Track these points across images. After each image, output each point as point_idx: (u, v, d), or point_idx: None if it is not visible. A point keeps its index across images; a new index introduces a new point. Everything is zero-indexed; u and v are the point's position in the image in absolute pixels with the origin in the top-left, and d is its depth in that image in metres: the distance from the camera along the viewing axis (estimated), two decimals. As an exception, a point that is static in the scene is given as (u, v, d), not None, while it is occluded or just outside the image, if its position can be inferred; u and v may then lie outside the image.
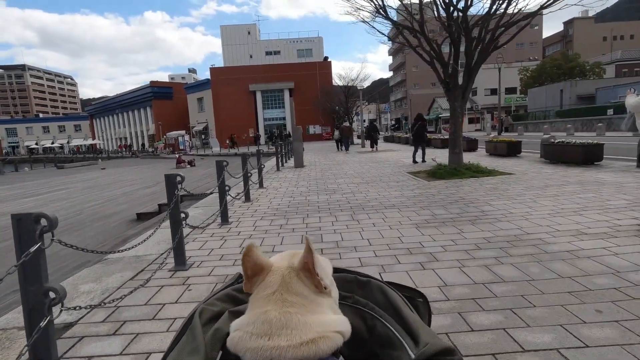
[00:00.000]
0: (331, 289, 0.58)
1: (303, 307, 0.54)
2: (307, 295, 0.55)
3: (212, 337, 0.57)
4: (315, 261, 0.55)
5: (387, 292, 0.66)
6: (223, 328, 0.59)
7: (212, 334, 0.58)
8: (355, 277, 0.70)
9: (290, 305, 0.54)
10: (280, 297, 0.55)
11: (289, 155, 17.47)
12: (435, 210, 5.19)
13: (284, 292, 0.55)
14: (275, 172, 11.82)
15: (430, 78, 74.82)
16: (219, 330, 0.58)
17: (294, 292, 0.55)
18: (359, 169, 11.43)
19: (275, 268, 0.58)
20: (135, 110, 62.54)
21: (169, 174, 3.33)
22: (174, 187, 3.30)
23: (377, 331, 0.60)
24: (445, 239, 3.86)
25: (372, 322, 0.61)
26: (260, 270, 0.58)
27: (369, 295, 0.66)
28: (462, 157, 9.00)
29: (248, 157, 6.76)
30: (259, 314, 0.53)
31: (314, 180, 9.28)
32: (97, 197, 12.03)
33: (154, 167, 26.01)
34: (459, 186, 7.13)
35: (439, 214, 5.00)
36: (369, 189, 7.39)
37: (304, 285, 0.56)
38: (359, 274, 0.71)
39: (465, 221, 4.54)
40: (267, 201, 6.75)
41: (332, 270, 0.64)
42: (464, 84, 8.70)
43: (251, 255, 0.58)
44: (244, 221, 5.26)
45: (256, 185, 8.42)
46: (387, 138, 32.20)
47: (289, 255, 0.62)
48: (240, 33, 61.77)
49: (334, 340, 0.51)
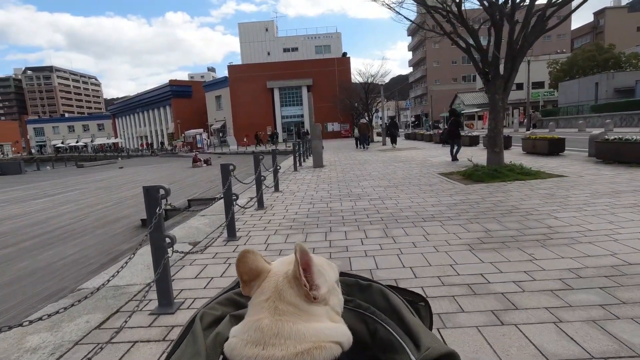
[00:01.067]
0: (328, 297, 0.57)
1: (296, 316, 0.53)
2: (299, 304, 0.55)
3: (213, 341, 0.58)
4: (302, 270, 0.54)
5: (389, 296, 0.67)
6: (224, 332, 0.59)
7: (213, 338, 0.58)
8: (357, 281, 0.70)
9: (282, 313, 0.54)
10: (272, 304, 0.55)
11: (307, 154, 16.62)
12: (487, 225, 4.22)
13: (277, 299, 0.55)
14: (292, 173, 10.98)
15: (452, 73, 72.85)
16: (220, 335, 0.59)
17: (287, 301, 0.54)
18: (384, 169, 10.46)
19: (272, 274, 0.57)
20: (155, 109, 63.08)
21: (148, 187, 2.51)
22: (154, 204, 2.47)
23: (379, 335, 0.60)
24: (516, 270, 2.91)
25: (374, 327, 0.61)
26: (257, 275, 0.58)
27: (370, 299, 0.66)
28: (502, 157, 7.94)
29: (262, 158, 5.92)
30: (253, 321, 0.54)
31: (335, 183, 8.39)
32: (107, 199, 11.49)
33: (171, 166, 25.66)
34: (505, 191, 6.10)
35: (494, 229, 4.03)
36: (399, 194, 6.44)
37: (296, 294, 0.55)
38: (360, 277, 0.70)
39: (531, 241, 3.56)
40: (283, 208, 5.90)
41: (336, 275, 0.62)
42: (506, 73, 7.62)
43: (246, 261, 0.59)
44: (255, 236, 4.42)
45: (271, 189, 7.59)
46: (409, 135, 30.96)
47: (288, 260, 0.60)
48: (257, 30, 61.25)
49: (330, 350, 0.51)
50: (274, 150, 7.40)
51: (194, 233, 4.67)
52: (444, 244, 3.66)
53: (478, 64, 8.05)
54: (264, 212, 5.72)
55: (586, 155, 10.05)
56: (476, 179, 7.47)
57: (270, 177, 7.82)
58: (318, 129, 12.08)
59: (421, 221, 4.58)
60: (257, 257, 0.60)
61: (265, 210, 5.84)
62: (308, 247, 0.56)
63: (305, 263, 0.56)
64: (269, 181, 8.21)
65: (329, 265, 0.62)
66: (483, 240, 3.69)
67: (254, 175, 6.09)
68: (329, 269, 0.61)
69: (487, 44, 7.92)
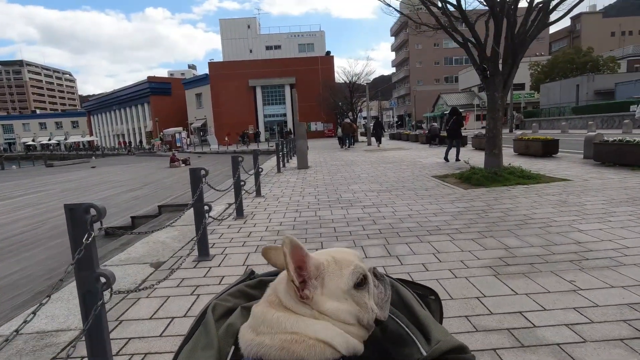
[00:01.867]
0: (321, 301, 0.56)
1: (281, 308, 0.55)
2: (283, 298, 0.56)
3: (225, 332, 0.59)
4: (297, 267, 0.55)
5: (400, 290, 0.68)
6: (236, 323, 0.60)
7: (225, 329, 0.59)
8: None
9: (271, 302, 0.57)
10: (271, 292, 0.59)
11: (291, 154, 15.90)
12: (504, 240, 3.62)
13: (275, 289, 0.58)
14: (275, 175, 10.25)
15: (434, 74, 73.25)
16: (231, 326, 0.60)
17: (278, 292, 0.57)
18: (373, 171, 9.85)
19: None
20: (132, 107, 61.00)
21: (72, 205, 1.76)
22: (81, 230, 1.72)
23: (390, 329, 0.61)
24: (563, 306, 2.29)
25: (385, 320, 0.61)
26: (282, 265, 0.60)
27: None
28: (502, 159, 7.43)
29: (241, 160, 5.19)
30: (254, 306, 0.58)
31: (322, 186, 7.71)
32: (71, 203, 10.47)
33: (148, 166, 24.47)
34: (511, 197, 5.55)
35: (514, 246, 3.43)
36: (395, 201, 5.82)
37: (286, 289, 0.57)
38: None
39: (564, 263, 2.97)
40: (265, 217, 5.18)
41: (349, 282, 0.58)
42: (506, 69, 7.11)
43: (269, 257, 0.67)
44: (232, 254, 3.70)
45: (252, 194, 6.85)
46: (394, 135, 30.58)
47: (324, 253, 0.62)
48: (239, 27, 59.98)
49: (315, 349, 0.51)
50: (256, 152, 6.66)
51: (158, 250, 3.91)
52: (461, 266, 3.03)
53: (476, 60, 7.52)
54: (243, 222, 4.99)
55: (581, 157, 9.70)
56: (475, 183, 6.94)
57: (251, 180, 7.08)
58: (303, 127, 11.38)
59: (426, 234, 3.95)
60: (278, 252, 0.64)
61: (245, 219, 5.10)
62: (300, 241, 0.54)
63: (300, 259, 0.55)
64: (249, 185, 7.48)
65: (341, 269, 0.59)
66: (506, 261, 3.08)
67: (232, 178, 5.35)
68: (338, 273, 0.59)
69: (484, 38, 7.40)
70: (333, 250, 0.64)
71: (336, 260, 0.60)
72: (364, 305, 0.58)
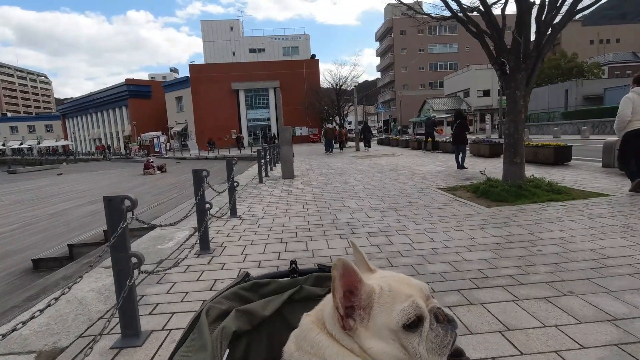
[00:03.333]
0: (364, 335, 0.52)
1: (326, 332, 0.53)
2: (328, 322, 0.54)
3: (219, 335, 0.57)
4: (349, 292, 0.53)
5: None
6: (230, 326, 0.59)
7: (219, 332, 0.58)
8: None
9: (318, 320, 0.55)
10: (320, 308, 0.57)
11: (274, 161, 14.55)
12: (597, 300, 2.40)
13: (323, 308, 0.56)
14: (257, 186, 8.91)
15: (420, 79, 73.05)
16: (226, 328, 0.59)
17: (327, 314, 0.55)
18: (368, 181, 8.62)
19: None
20: (110, 110, 58.60)
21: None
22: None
23: None
24: None
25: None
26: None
27: None
28: (524, 170, 6.30)
29: (206, 175, 3.85)
30: (305, 315, 0.58)
31: (312, 202, 6.42)
32: (14, 219, 8.89)
33: (120, 173, 22.75)
34: (553, 221, 4.37)
35: (623, 315, 2.21)
36: (407, 224, 4.57)
37: (333, 312, 0.55)
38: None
39: None
40: (239, 253, 3.85)
41: (398, 321, 0.52)
42: (529, 64, 6.00)
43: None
44: (178, 329, 2.36)
45: (225, 214, 5.51)
46: (382, 141, 29.56)
47: (382, 277, 0.59)
48: (222, 29, 58.39)
49: None
50: (230, 161, 5.31)
51: (66, 321, 2.53)
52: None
53: (492, 53, 6.40)
54: (207, 261, 3.64)
55: (599, 166, 8.71)
56: (495, 198, 5.77)
57: (225, 196, 5.74)
58: (288, 132, 10.08)
59: (473, 288, 2.70)
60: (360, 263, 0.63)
61: (210, 257, 3.75)
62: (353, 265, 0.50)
63: (352, 284, 0.52)
64: (222, 203, 6.15)
65: (393, 302, 0.53)
66: (626, 349, 1.86)
67: (222, 183, 4.01)
68: (388, 308, 0.53)
69: (501, 26, 6.29)
70: (394, 276, 0.59)
71: (391, 291, 0.54)
72: (412, 350, 0.52)
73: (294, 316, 0.67)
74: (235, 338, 0.61)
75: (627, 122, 5.44)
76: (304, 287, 0.75)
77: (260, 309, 0.67)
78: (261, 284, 0.72)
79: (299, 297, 0.73)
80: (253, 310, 0.66)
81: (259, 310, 0.67)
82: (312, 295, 0.73)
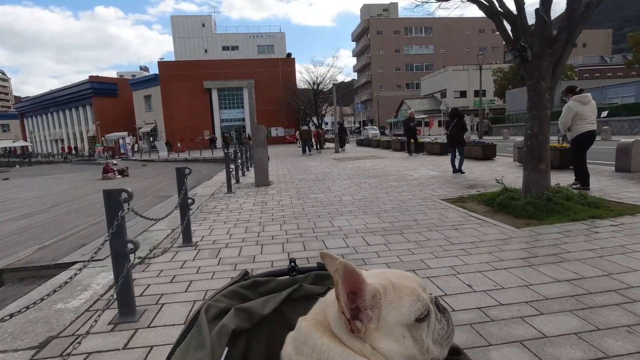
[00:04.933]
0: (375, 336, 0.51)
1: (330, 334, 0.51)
2: (335, 327, 0.52)
3: (219, 333, 0.57)
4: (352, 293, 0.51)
5: None
6: (229, 324, 0.59)
7: (218, 330, 0.57)
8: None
9: (318, 324, 0.53)
10: (319, 311, 0.55)
11: (248, 165, 13.09)
12: None
13: (326, 310, 0.54)
14: (224, 197, 7.49)
15: (396, 80, 72.82)
16: (225, 327, 0.58)
17: (332, 317, 0.53)
18: (357, 190, 7.37)
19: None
20: (73, 109, 55.19)
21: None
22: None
23: None
24: None
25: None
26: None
27: None
28: (549, 178, 5.20)
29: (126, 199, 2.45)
30: (301, 319, 0.55)
31: (292, 221, 5.09)
32: None
33: (76, 177, 20.63)
34: (622, 250, 3.23)
35: None
36: (425, 258, 3.32)
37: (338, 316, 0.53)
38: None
39: None
40: (184, 314, 2.48)
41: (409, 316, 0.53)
42: (558, 47, 4.90)
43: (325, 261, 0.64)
44: None
45: (176, 240, 4.09)
46: (362, 142, 28.47)
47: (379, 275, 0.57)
48: (193, 25, 55.98)
49: None
50: (181, 174, 3.89)
51: None
52: None
53: (509, 36, 5.27)
54: (124, 344, 2.24)
55: (612, 170, 7.83)
56: (521, 214, 4.64)
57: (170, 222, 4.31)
58: (262, 132, 8.69)
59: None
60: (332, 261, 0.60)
61: (132, 331, 2.36)
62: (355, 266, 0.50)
63: (354, 285, 0.51)
64: (174, 223, 4.76)
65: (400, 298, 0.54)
66: None
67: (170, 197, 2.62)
68: (397, 304, 0.53)
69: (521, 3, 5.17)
70: (390, 272, 0.59)
71: (395, 287, 0.54)
72: (421, 342, 0.53)
73: (293, 314, 0.66)
74: (235, 336, 0.60)
75: (567, 127, 6.14)
76: (303, 286, 0.74)
77: (259, 307, 0.66)
78: (260, 282, 0.72)
79: (298, 295, 0.72)
80: (252, 308, 0.65)
81: (258, 309, 0.66)
82: (311, 293, 0.72)
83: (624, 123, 20.72)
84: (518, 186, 5.53)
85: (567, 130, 6.20)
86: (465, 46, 69.30)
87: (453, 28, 67.97)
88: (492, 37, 70.01)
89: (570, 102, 6.09)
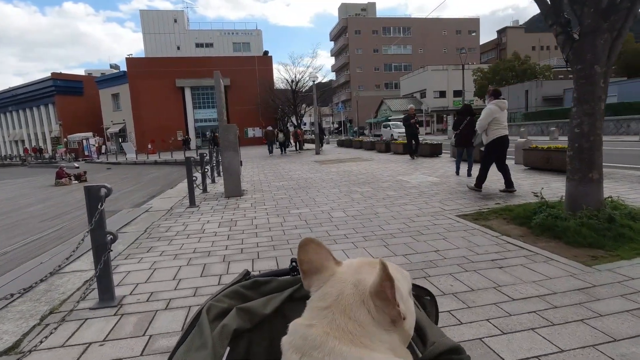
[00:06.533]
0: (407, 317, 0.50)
1: (350, 335, 0.46)
2: (365, 324, 0.47)
3: (220, 333, 0.56)
4: (396, 290, 0.48)
5: None
6: (231, 324, 0.58)
7: (219, 330, 0.56)
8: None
9: (336, 328, 0.47)
10: (331, 315, 0.49)
11: (219, 170, 11.58)
12: None
13: (338, 311, 0.49)
14: (185, 212, 6.03)
15: (375, 80, 72.16)
16: (226, 327, 0.57)
17: (349, 316, 0.48)
18: (348, 202, 6.07)
19: (338, 279, 0.52)
20: (34, 108, 51.64)
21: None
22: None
23: None
24: None
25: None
26: (318, 269, 0.55)
27: None
28: (602, 191, 4.04)
29: None
30: (305, 325, 0.50)
31: (268, 250, 3.73)
32: None
33: (26, 183, 18.48)
34: None
35: None
36: (472, 318, 2.04)
37: (367, 312, 0.48)
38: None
39: None
40: None
41: (409, 285, 0.56)
42: (617, 20, 3.75)
43: (307, 249, 0.56)
44: None
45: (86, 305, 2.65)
46: (342, 142, 27.26)
47: (357, 265, 0.55)
48: (165, 20, 53.41)
49: None
50: (94, 196, 2.47)
51: None
52: None
53: (549, 4, 4.09)
54: None
55: (638, 174, 6.85)
56: (576, 241, 3.46)
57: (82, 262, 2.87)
58: (232, 132, 7.25)
59: None
60: (321, 249, 0.57)
61: None
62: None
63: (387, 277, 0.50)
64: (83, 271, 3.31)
65: (401, 274, 0.55)
66: None
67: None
68: (402, 279, 0.54)
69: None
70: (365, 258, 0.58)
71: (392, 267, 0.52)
72: (411, 302, 0.55)
73: (294, 314, 0.60)
74: (236, 336, 0.58)
75: (484, 130, 6.02)
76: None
77: (260, 307, 0.64)
78: (262, 282, 0.70)
79: (299, 295, 0.68)
80: (254, 308, 0.63)
81: (260, 309, 0.64)
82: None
83: (609, 123, 20.35)
84: (549, 198, 4.36)
85: (485, 133, 6.08)
86: (442, 47, 69.50)
87: (431, 29, 68.01)
88: (468, 38, 70.60)
89: (491, 105, 6.03)
